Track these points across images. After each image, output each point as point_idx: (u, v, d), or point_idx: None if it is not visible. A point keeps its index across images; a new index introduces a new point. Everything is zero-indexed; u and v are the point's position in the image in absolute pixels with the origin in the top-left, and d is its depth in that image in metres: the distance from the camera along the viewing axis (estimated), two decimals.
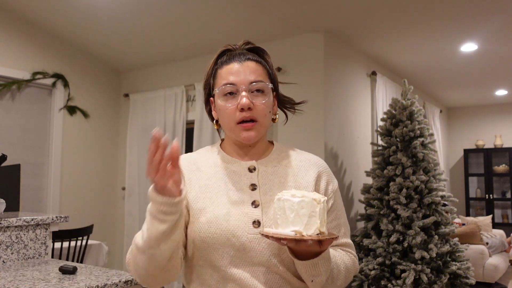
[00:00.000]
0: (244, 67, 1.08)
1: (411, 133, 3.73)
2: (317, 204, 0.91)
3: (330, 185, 1.15)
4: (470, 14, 3.68)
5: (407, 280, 3.33)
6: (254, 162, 1.13)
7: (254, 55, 1.13)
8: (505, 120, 7.41)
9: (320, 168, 1.16)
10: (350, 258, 1.13)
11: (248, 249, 1.02)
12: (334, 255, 1.06)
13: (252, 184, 1.09)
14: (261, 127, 1.09)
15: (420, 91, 6.14)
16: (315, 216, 0.90)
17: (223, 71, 1.09)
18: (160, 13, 3.87)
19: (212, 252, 1.03)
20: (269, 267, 1.03)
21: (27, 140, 4.41)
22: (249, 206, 1.06)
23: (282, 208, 0.92)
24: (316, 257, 0.95)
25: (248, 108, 1.05)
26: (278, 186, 1.10)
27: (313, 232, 0.90)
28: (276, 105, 1.18)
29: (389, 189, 3.70)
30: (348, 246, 1.16)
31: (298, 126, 3.93)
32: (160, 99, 4.90)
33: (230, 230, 1.02)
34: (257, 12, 3.70)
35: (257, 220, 1.04)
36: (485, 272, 5.13)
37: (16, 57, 4.28)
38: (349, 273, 1.11)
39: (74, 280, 1.70)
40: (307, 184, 1.11)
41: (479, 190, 7.50)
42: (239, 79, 1.07)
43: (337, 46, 4.13)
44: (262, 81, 1.08)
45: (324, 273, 0.98)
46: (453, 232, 3.63)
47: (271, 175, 1.12)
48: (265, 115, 1.09)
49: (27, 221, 2.09)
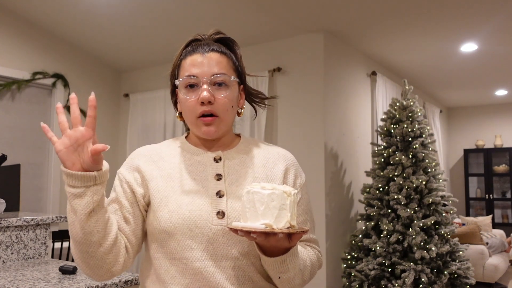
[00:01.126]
0: (207, 59, 1.04)
1: (411, 133, 3.73)
2: (288, 196, 0.89)
3: (298, 179, 1.12)
4: (470, 14, 3.68)
5: (407, 280, 3.33)
6: (220, 152, 1.09)
7: (220, 46, 1.08)
8: (505, 120, 7.41)
9: (288, 161, 1.13)
10: (315, 253, 1.11)
11: (211, 241, 0.98)
12: (301, 250, 1.04)
13: (217, 174, 1.05)
14: (222, 122, 1.05)
15: (420, 91, 6.15)
16: (285, 209, 0.88)
17: (186, 63, 1.05)
18: (160, 13, 3.87)
19: (172, 243, 0.99)
20: (233, 261, 0.99)
21: (27, 140, 4.41)
22: (213, 196, 1.02)
23: (252, 201, 0.88)
24: (285, 254, 0.92)
25: (208, 102, 1.02)
26: (245, 177, 1.06)
27: (283, 225, 0.87)
28: (243, 98, 1.13)
29: (389, 189, 3.70)
30: (313, 241, 1.14)
31: (298, 126, 3.93)
32: (160, 99, 4.90)
33: (193, 220, 0.98)
34: (257, 12, 3.70)
35: (221, 211, 1.00)
36: (485, 272, 5.13)
37: (16, 57, 4.28)
38: (314, 269, 1.09)
39: (74, 280, 1.69)
40: (275, 176, 1.08)
41: (479, 190, 7.50)
42: (201, 71, 1.03)
43: (337, 46, 4.13)
44: (225, 74, 1.04)
45: (291, 269, 0.96)
46: (453, 232, 3.63)
47: (237, 166, 1.08)
48: (226, 109, 1.04)
49: (27, 221, 2.09)
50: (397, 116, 3.85)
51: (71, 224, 0.93)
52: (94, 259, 0.95)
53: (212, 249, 0.98)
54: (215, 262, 0.98)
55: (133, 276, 1.78)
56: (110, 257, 0.97)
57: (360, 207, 4.29)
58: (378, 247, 3.57)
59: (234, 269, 0.99)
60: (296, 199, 0.92)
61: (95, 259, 0.95)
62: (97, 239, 0.93)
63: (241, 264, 1.00)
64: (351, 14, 3.69)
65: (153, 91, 4.98)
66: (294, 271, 0.97)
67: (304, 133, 3.89)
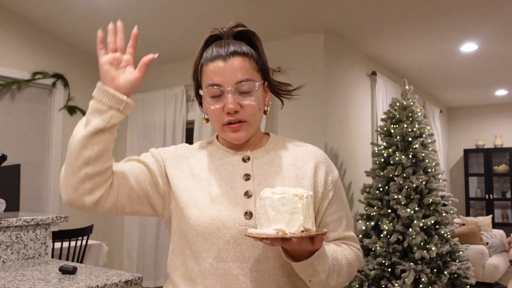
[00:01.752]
0: (229, 65, 1.01)
1: (411, 133, 3.73)
2: (299, 199, 0.87)
3: (330, 176, 1.09)
4: (470, 14, 3.68)
5: (407, 280, 3.33)
6: (249, 152, 1.08)
7: (241, 44, 1.05)
8: (505, 120, 7.41)
9: (318, 158, 1.10)
10: (353, 252, 1.08)
11: (239, 242, 0.98)
12: (335, 250, 1.02)
13: (246, 174, 1.05)
14: (250, 126, 1.04)
15: (420, 91, 6.15)
16: (297, 212, 0.86)
17: (208, 70, 1.03)
18: (160, 13, 3.87)
19: (200, 242, 0.99)
20: (259, 264, 0.98)
21: (27, 140, 4.41)
22: (242, 196, 1.01)
23: (264, 207, 0.88)
24: (311, 257, 0.91)
25: (234, 112, 1.01)
26: (274, 177, 1.05)
27: (296, 229, 0.85)
28: (268, 96, 1.11)
29: (389, 189, 3.70)
30: (351, 239, 1.10)
31: (298, 126, 3.93)
32: (160, 99, 4.90)
33: (221, 220, 0.98)
34: (257, 12, 3.70)
35: (249, 211, 0.99)
36: (485, 272, 5.13)
37: (16, 57, 4.28)
38: (352, 268, 1.05)
39: (74, 280, 1.69)
40: (304, 175, 1.06)
41: (479, 190, 7.50)
42: (224, 79, 1.01)
43: (337, 46, 4.13)
44: (249, 80, 1.02)
45: (321, 272, 0.94)
46: (453, 232, 3.63)
47: (266, 165, 1.07)
48: (254, 114, 1.04)
49: (27, 221, 2.09)
50: (397, 116, 3.85)
51: (74, 135, 0.97)
52: (74, 178, 0.95)
53: (239, 250, 0.98)
54: (240, 264, 0.98)
55: (133, 276, 1.78)
56: (89, 184, 0.95)
57: (360, 207, 4.29)
58: (378, 247, 3.57)
59: (259, 272, 0.98)
60: (311, 201, 0.90)
61: (76, 178, 0.95)
62: (88, 156, 0.94)
63: (266, 267, 0.98)
64: (351, 14, 3.69)
65: (153, 91, 4.98)
66: (325, 274, 0.95)
67: (304, 133, 3.89)
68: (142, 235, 4.90)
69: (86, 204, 0.97)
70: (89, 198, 0.96)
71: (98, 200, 0.97)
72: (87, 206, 0.97)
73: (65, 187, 0.97)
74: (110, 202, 1.00)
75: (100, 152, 0.95)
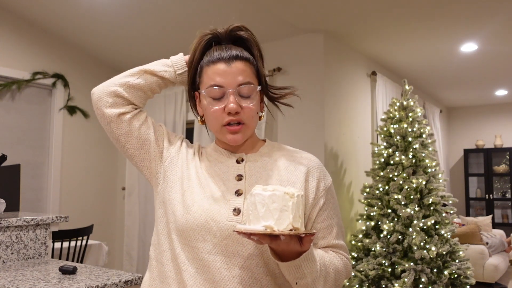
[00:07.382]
0: (232, 68, 1.04)
1: (411, 133, 3.73)
2: (290, 198, 0.86)
3: (322, 183, 1.09)
4: (470, 14, 3.68)
5: (407, 280, 3.33)
6: (243, 154, 1.12)
7: (242, 50, 1.08)
8: (505, 120, 7.41)
9: (311, 164, 1.11)
10: (341, 260, 1.07)
11: (225, 236, 0.99)
12: (323, 256, 1.01)
13: (238, 174, 1.08)
14: (248, 129, 1.08)
15: (420, 91, 6.14)
16: (287, 210, 0.85)
17: (210, 71, 1.06)
18: (160, 13, 3.87)
19: (188, 231, 1.02)
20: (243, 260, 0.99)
21: (27, 140, 4.41)
22: (232, 194, 1.04)
23: (254, 203, 0.88)
24: (298, 258, 0.91)
25: (235, 113, 1.04)
26: (266, 179, 1.07)
27: (285, 227, 0.85)
28: (262, 101, 1.15)
29: (389, 189, 3.70)
30: (340, 247, 1.10)
31: (298, 126, 3.93)
32: (160, 99, 4.90)
33: (210, 214, 1.01)
34: (257, 12, 3.70)
35: (237, 208, 1.02)
36: (485, 272, 5.13)
37: (16, 57, 4.28)
38: (340, 276, 1.05)
39: (74, 280, 1.70)
40: (296, 179, 1.07)
41: (479, 190, 7.50)
42: (226, 81, 1.04)
43: (337, 46, 4.13)
44: (250, 83, 1.05)
45: (308, 275, 0.93)
46: (453, 232, 3.63)
47: (259, 168, 1.10)
48: (252, 117, 1.07)
49: (27, 221, 2.10)
50: (397, 116, 3.85)
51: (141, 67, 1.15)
52: (105, 88, 1.12)
53: (225, 244, 1.00)
54: (225, 258, 0.99)
55: (133, 276, 1.79)
56: (112, 100, 1.11)
57: (360, 207, 4.29)
58: (378, 247, 3.57)
59: (242, 269, 0.99)
60: (301, 201, 0.90)
61: (107, 89, 1.12)
62: (128, 81, 1.12)
63: (250, 264, 0.99)
64: (351, 14, 3.69)
65: None
66: (311, 277, 0.94)
67: (304, 133, 3.89)
68: (142, 235, 4.90)
69: (106, 115, 1.12)
70: (111, 110, 1.12)
71: (119, 115, 1.12)
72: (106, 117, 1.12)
73: (97, 90, 1.13)
74: (122, 129, 1.13)
75: (138, 86, 1.12)
